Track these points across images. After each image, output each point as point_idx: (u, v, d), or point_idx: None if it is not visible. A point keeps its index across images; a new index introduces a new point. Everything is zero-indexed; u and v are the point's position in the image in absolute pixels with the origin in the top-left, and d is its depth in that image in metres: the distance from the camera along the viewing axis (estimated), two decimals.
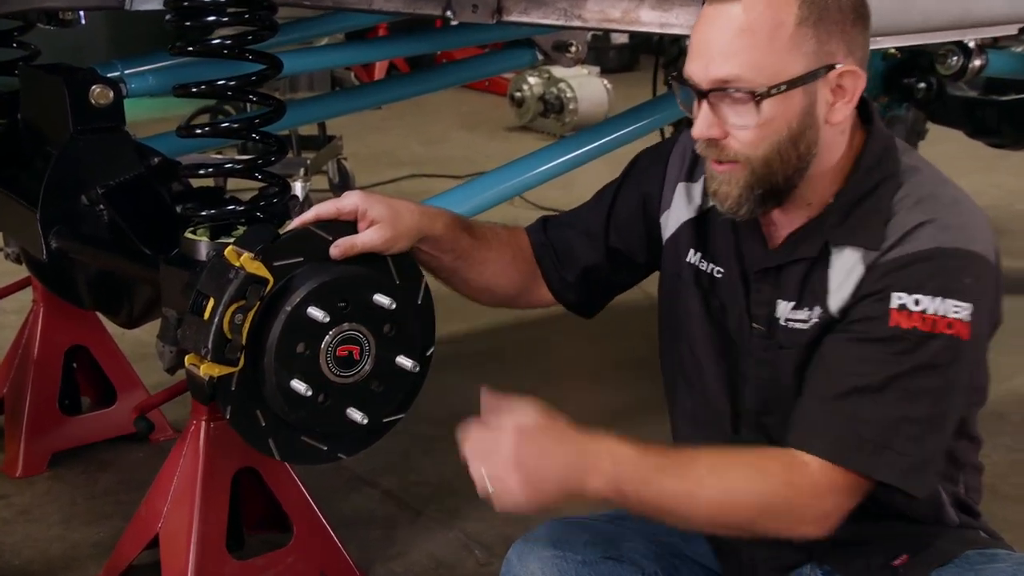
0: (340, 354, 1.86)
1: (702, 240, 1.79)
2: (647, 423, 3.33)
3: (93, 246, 2.39)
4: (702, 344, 1.77)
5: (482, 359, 3.79)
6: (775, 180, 1.61)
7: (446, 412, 3.48)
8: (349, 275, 1.85)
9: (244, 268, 1.79)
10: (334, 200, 1.84)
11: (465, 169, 6.22)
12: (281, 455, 1.93)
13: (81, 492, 2.93)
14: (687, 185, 1.83)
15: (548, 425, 1.54)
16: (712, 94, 1.58)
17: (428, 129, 7.57)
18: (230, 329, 1.79)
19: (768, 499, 1.54)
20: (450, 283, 1.96)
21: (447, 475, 3.01)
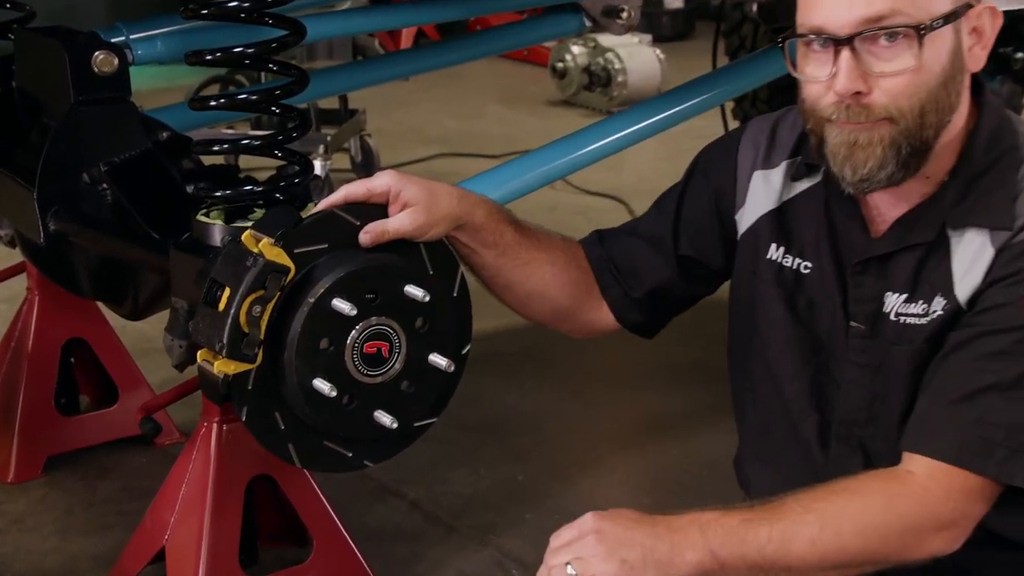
0: (368, 351, 1.86)
1: (784, 233, 1.78)
2: (703, 433, 3.35)
3: (95, 229, 2.40)
4: (784, 349, 1.76)
5: (519, 359, 3.78)
6: (926, 136, 1.57)
7: (480, 417, 3.55)
8: (379, 264, 1.85)
9: (263, 255, 1.79)
10: (364, 180, 1.84)
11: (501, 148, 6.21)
12: (301, 461, 1.94)
13: (79, 500, 2.95)
14: (765, 173, 1.81)
15: (625, 511, 1.56)
16: (859, 39, 1.54)
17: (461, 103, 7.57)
18: (247, 322, 1.79)
19: (875, 519, 1.52)
20: (492, 286, 1.95)
21: (481, 486, 3.02)
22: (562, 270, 1.93)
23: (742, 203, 1.83)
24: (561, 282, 1.93)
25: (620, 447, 3.27)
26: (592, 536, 1.51)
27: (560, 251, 1.94)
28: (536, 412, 3.45)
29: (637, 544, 1.50)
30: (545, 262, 1.91)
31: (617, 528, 1.51)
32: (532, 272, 1.91)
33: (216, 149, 2.16)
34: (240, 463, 2.29)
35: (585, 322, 1.98)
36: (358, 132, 5.69)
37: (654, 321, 1.98)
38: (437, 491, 2.99)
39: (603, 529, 1.51)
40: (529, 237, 1.91)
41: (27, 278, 3.12)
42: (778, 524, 1.52)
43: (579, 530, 1.53)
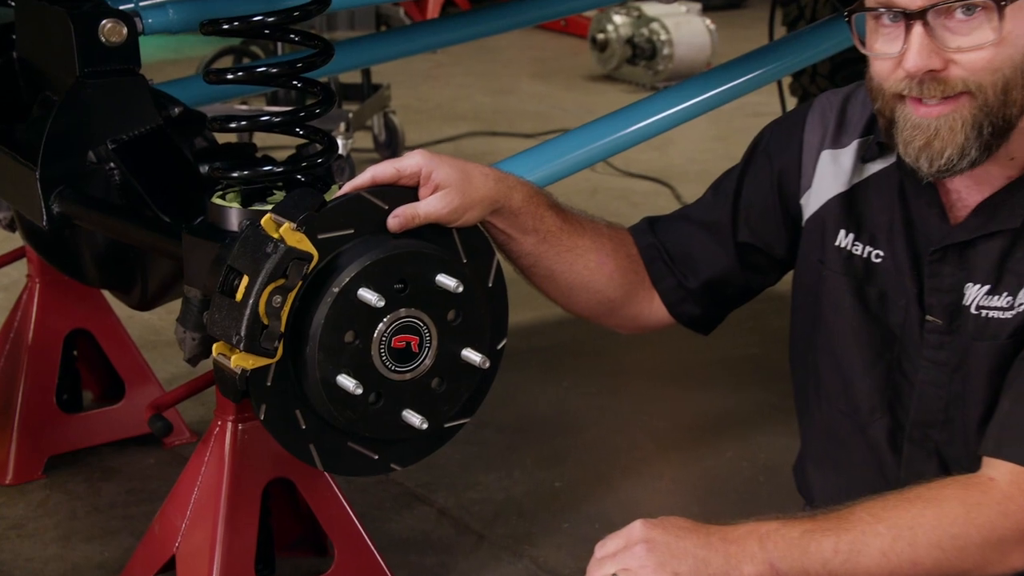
0: (396, 345, 1.87)
1: (854, 218, 1.77)
2: (760, 436, 3.35)
3: (101, 211, 2.41)
4: (852, 343, 1.75)
5: (558, 354, 3.78)
6: (1009, 114, 1.57)
7: (514, 417, 3.56)
8: (409, 251, 1.85)
9: (284, 241, 1.80)
10: (393, 160, 1.84)
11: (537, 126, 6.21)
12: (324, 464, 1.94)
13: (83, 503, 2.97)
14: (833, 153, 1.80)
15: (676, 520, 1.56)
16: (932, 12, 1.54)
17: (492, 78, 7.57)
18: (267, 313, 1.80)
19: (952, 530, 1.51)
20: (531, 276, 1.95)
21: (515, 492, 3.02)
22: (609, 258, 1.92)
23: (808, 185, 1.82)
24: (608, 271, 1.92)
25: (667, 450, 3.27)
26: (641, 546, 1.51)
27: (606, 238, 1.94)
28: (575, 412, 3.45)
29: (689, 555, 1.50)
30: (590, 249, 1.91)
31: (668, 538, 1.51)
32: (575, 260, 1.90)
33: (233, 126, 2.17)
34: (257, 465, 2.30)
35: (634, 316, 1.98)
36: (382, 109, 5.70)
37: (710, 315, 1.97)
38: (468, 497, 3.00)
39: (653, 539, 1.51)
40: (572, 223, 1.90)
41: (27, 264, 3.14)
42: (845, 535, 1.51)
43: (627, 539, 1.53)
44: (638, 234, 1.98)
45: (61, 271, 2.85)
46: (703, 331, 2.00)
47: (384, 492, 2.98)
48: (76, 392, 3.25)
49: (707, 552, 1.50)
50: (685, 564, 1.49)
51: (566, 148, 2.97)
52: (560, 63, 7.91)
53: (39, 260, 3.05)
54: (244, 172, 2.12)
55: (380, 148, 5.78)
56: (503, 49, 8.08)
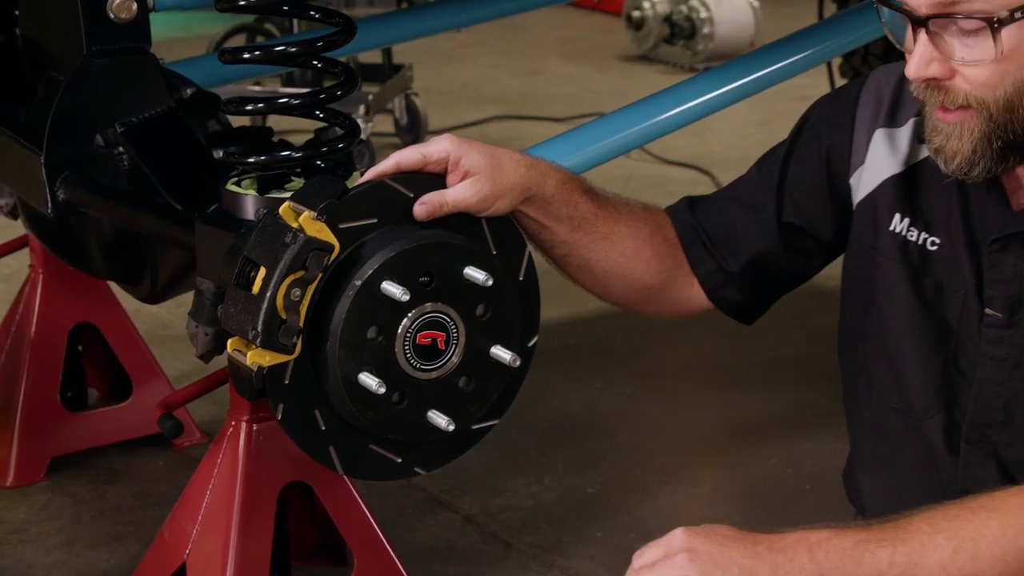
0: (421, 342, 1.87)
1: (910, 202, 1.76)
2: (806, 440, 3.34)
3: (109, 198, 2.42)
4: (906, 335, 1.74)
5: (590, 353, 3.78)
6: (1018, 130, 1.59)
7: (544, 419, 3.56)
8: (435, 243, 1.85)
9: (304, 230, 1.80)
10: (419, 146, 1.85)
11: (567, 110, 6.22)
12: (344, 467, 1.94)
13: (87, 507, 2.99)
14: (888, 131, 1.80)
15: (720, 528, 1.54)
16: (933, 22, 1.56)
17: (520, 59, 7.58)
18: (285, 307, 1.80)
19: (1019, 542, 1.50)
20: (565, 266, 1.95)
21: (545, 498, 3.02)
22: (645, 244, 1.93)
23: (860, 162, 1.82)
24: (645, 258, 1.93)
25: (707, 455, 3.27)
26: (683, 556, 1.50)
27: (643, 222, 1.94)
28: (609, 414, 3.45)
29: (735, 566, 1.49)
30: (626, 236, 1.92)
31: (712, 547, 1.51)
32: (611, 248, 1.91)
33: (250, 108, 2.17)
34: (272, 468, 2.31)
35: (673, 302, 1.99)
36: (403, 91, 5.71)
37: (753, 301, 1.97)
38: (495, 504, 3.00)
39: (696, 548, 1.50)
40: (607, 208, 1.91)
41: (30, 254, 3.16)
42: (902, 547, 1.50)
43: (667, 549, 1.52)
44: (676, 215, 1.99)
45: (66, 261, 2.86)
46: (745, 320, 1.99)
47: (406, 498, 2.99)
48: (81, 390, 3.27)
49: (753, 562, 1.50)
50: (730, 575, 1.49)
51: (599, 134, 2.96)
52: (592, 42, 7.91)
53: (42, 250, 3.07)
54: (261, 157, 2.12)
55: (401, 132, 5.79)
56: (532, 28, 8.08)
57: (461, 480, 3.04)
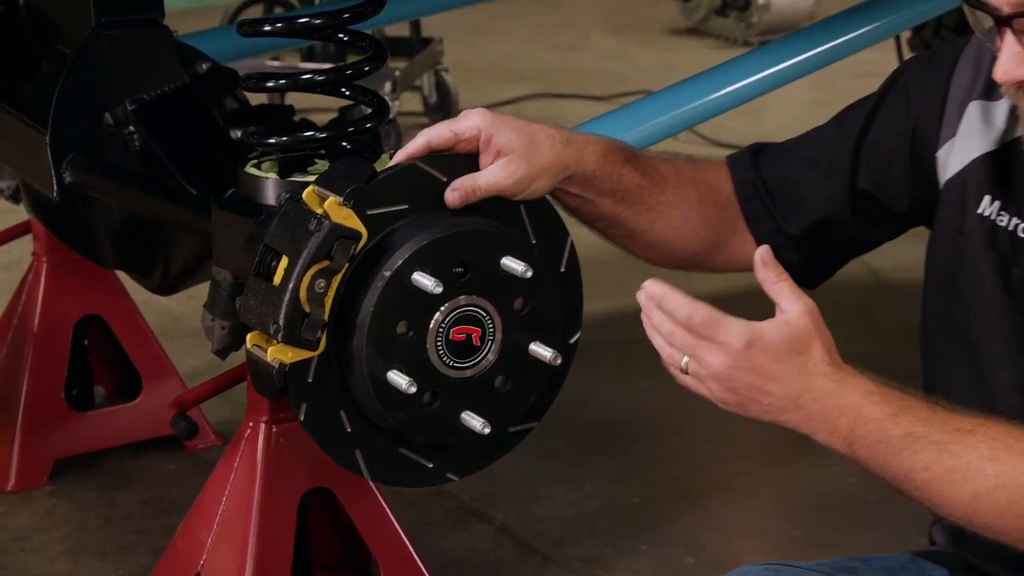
0: (455, 338, 1.87)
1: (1003, 183, 1.75)
2: None
3: (119, 181, 2.43)
4: (991, 330, 1.73)
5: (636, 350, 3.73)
6: None
7: (585, 422, 3.55)
8: (470, 230, 1.85)
9: (329, 217, 1.80)
10: (449, 122, 1.85)
11: (609, 88, 6.20)
12: (371, 472, 1.95)
13: (94, 514, 3.01)
14: (984, 104, 1.78)
15: (790, 347, 1.57)
16: (1017, 21, 1.56)
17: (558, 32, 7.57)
18: (308, 299, 1.81)
19: None
20: (610, 237, 1.97)
21: (586, 508, 3.03)
22: (693, 212, 1.94)
23: (950, 136, 1.80)
24: (692, 226, 1.95)
25: (763, 463, 3.26)
26: (725, 359, 1.56)
27: (691, 187, 1.95)
28: (656, 417, 3.45)
29: (766, 397, 1.57)
30: (673, 205, 1.93)
31: (763, 360, 1.56)
32: (657, 219, 1.93)
33: (271, 85, 2.18)
34: (293, 473, 2.32)
35: (726, 262, 2.01)
36: (432, 66, 5.71)
37: (814, 267, 1.97)
38: (532, 513, 3.00)
39: (740, 359, 1.55)
40: (652, 176, 1.92)
41: (33, 241, 3.18)
42: (947, 458, 1.55)
43: (724, 336, 1.56)
44: (736, 167, 1.99)
45: (71, 249, 2.88)
46: (806, 284, 1.99)
47: (437, 506, 2.99)
48: (87, 387, 3.29)
49: (787, 404, 1.57)
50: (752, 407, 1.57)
51: (644, 114, 2.96)
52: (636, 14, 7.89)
53: (47, 236, 3.08)
54: (282, 138, 2.13)
55: (430, 111, 5.79)
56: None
57: (496, 488, 3.05)
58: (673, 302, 1.59)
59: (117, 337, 3.20)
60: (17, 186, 2.99)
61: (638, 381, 3.59)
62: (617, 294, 4.01)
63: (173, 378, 3.24)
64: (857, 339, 3.75)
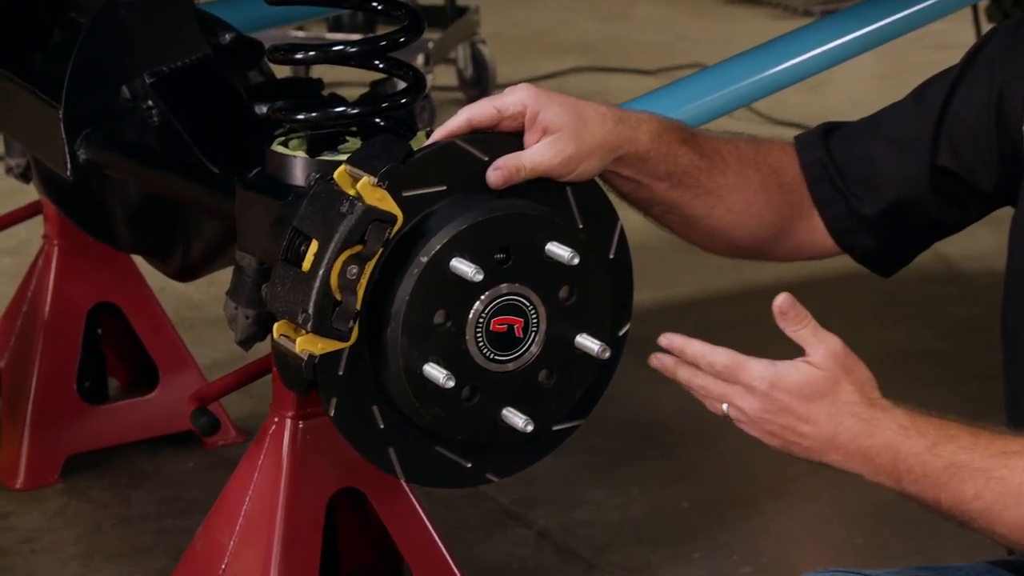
0: (496, 328, 1.87)
1: None
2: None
3: (137, 159, 2.45)
4: None
5: None
6: None
7: (632, 421, 3.54)
8: (513, 214, 1.86)
9: (362, 198, 1.81)
10: (492, 98, 1.85)
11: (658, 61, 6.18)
12: (405, 472, 1.96)
13: (108, 514, 3.03)
14: None
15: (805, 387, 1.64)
16: None
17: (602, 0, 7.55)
18: (340, 287, 1.81)
19: None
20: (666, 224, 1.97)
21: (632, 512, 3.03)
22: (757, 195, 1.94)
23: None
24: (756, 211, 1.95)
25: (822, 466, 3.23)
26: (759, 403, 1.65)
27: (754, 168, 1.95)
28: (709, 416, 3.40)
29: (806, 439, 1.64)
30: (734, 188, 1.93)
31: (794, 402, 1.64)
32: (717, 203, 1.93)
33: (300, 57, 2.18)
34: (321, 472, 2.33)
35: (792, 249, 2.02)
36: (468, 37, 5.70)
37: (891, 251, 1.98)
38: (574, 518, 3.01)
39: (770, 403, 1.64)
40: (711, 158, 1.92)
41: (44, 223, 3.19)
42: (995, 484, 1.57)
43: (770, 378, 1.65)
44: (804, 147, 1.99)
45: (85, 232, 2.90)
46: (882, 271, 2.00)
47: (473, 509, 3.00)
48: (100, 379, 3.31)
49: (827, 447, 1.64)
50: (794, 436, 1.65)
51: (697, 90, 2.96)
52: None
53: (58, 218, 3.10)
54: (312, 114, 2.14)
55: (466, 86, 5.79)
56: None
57: (536, 490, 3.05)
58: (694, 351, 1.71)
59: (132, 326, 3.22)
60: (27, 164, 3.01)
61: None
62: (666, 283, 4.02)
63: (192, 370, 3.26)
64: (925, 335, 3.75)
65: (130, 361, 3.33)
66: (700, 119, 2.90)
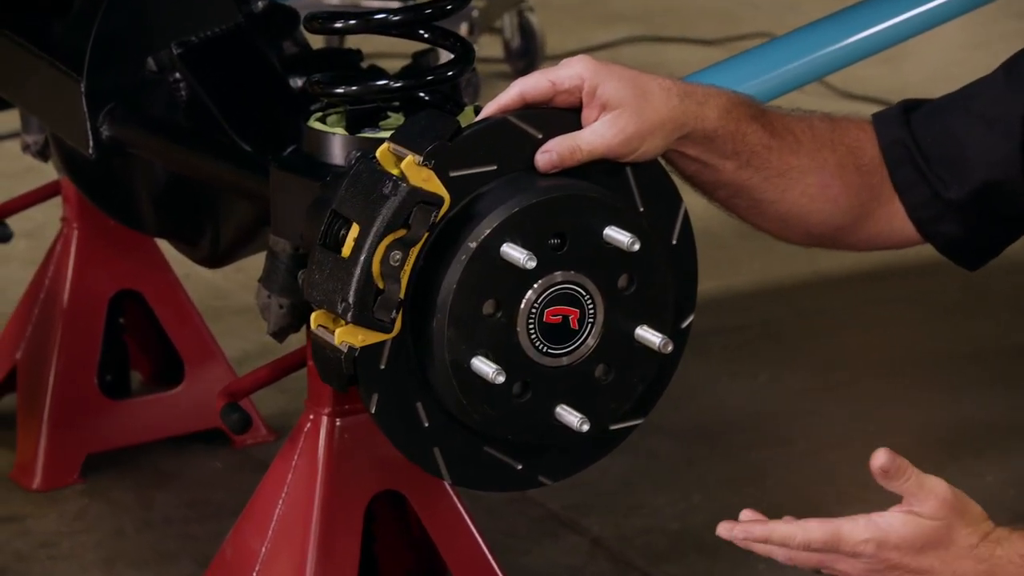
0: (550, 320, 1.88)
1: None
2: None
3: (163, 136, 2.46)
4: None
5: (753, 337, 3.77)
6: None
7: (694, 420, 3.53)
8: (568, 195, 1.86)
9: (407, 179, 1.81)
10: (547, 71, 1.85)
11: (720, 30, 6.16)
12: (451, 474, 1.96)
13: (131, 517, 3.05)
14: None
15: (916, 540, 1.63)
16: None
17: None
18: (382, 274, 1.82)
19: None
20: (733, 209, 1.97)
21: (694, 520, 3.02)
22: (833, 178, 1.93)
23: None
24: (832, 195, 1.94)
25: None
26: (874, 559, 1.62)
27: (829, 148, 1.94)
28: (776, 416, 3.44)
29: None
30: (808, 170, 1.92)
31: (902, 556, 1.61)
32: (789, 186, 1.92)
33: (339, 26, 2.19)
34: (360, 474, 2.34)
35: (869, 238, 2.00)
36: (515, 5, 5.70)
37: (979, 241, 1.97)
38: (631, 525, 3.01)
39: (887, 556, 1.60)
40: (783, 136, 1.91)
41: (63, 204, 3.21)
42: None
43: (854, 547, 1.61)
44: (884, 125, 1.98)
45: (107, 214, 2.91)
46: (968, 263, 1.99)
47: (522, 515, 3.00)
48: (123, 373, 3.32)
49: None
50: None
51: (765, 62, 2.94)
52: None
53: (79, 199, 3.11)
54: (352, 87, 2.15)
55: (512, 57, 5.79)
56: None
57: (590, 495, 3.05)
58: (781, 535, 1.74)
59: (157, 316, 3.23)
60: (46, 141, 3.02)
61: (756, 373, 3.59)
62: (730, 271, 4.01)
63: (220, 363, 3.27)
64: (1016, 331, 3.72)
65: (154, 353, 3.34)
66: (768, 94, 2.89)
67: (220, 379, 3.09)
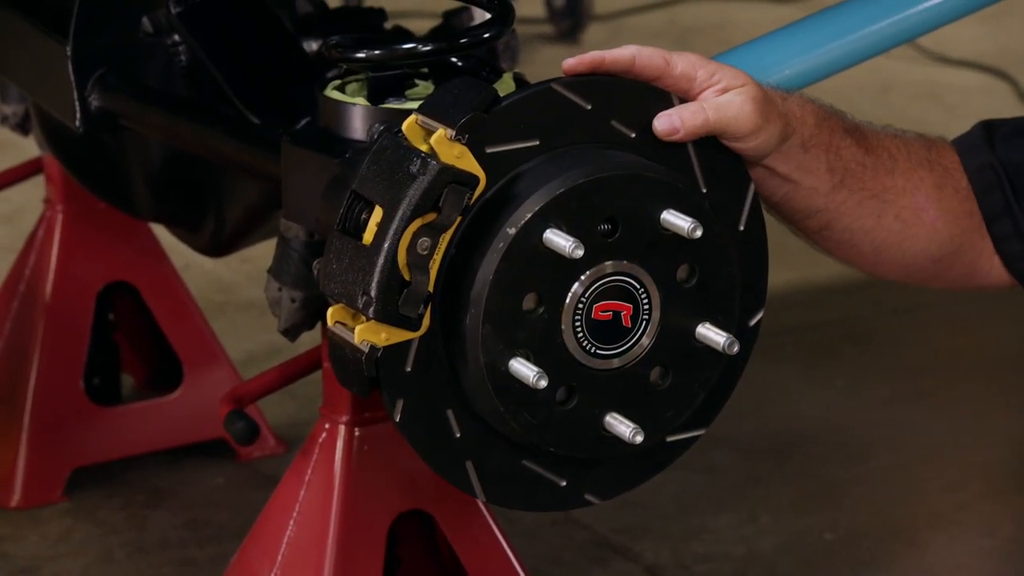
0: (599, 316, 1.88)
1: None
2: None
3: (160, 107, 2.47)
4: None
5: (829, 338, 3.77)
6: None
7: (761, 432, 3.54)
8: (621, 175, 1.86)
9: (437, 156, 1.82)
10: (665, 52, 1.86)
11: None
12: (485, 491, 1.96)
13: (121, 539, 3.06)
14: None
15: None
16: None
17: None
18: (409, 264, 1.82)
19: None
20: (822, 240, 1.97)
21: (762, 545, 3.03)
22: (930, 202, 1.93)
23: None
24: (929, 220, 1.93)
25: (1000, 491, 3.24)
26: None
27: (926, 169, 1.94)
28: (856, 428, 3.44)
29: None
30: (903, 192, 1.92)
31: None
32: (884, 211, 1.92)
33: None
34: (382, 490, 2.35)
35: (967, 274, 2.00)
36: None
37: None
38: (690, 550, 3.02)
39: None
40: (877, 153, 1.92)
41: (46, 185, 3.22)
42: None
43: None
44: (967, 150, 1.98)
45: (96, 195, 2.93)
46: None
47: (566, 538, 3.01)
48: (113, 376, 3.34)
49: None
50: None
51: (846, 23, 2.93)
52: None
53: (64, 179, 3.12)
54: (374, 52, 2.15)
55: (555, 18, 5.81)
56: None
57: (643, 516, 3.06)
58: None
59: (152, 311, 3.24)
60: (26, 112, 3.03)
61: (832, 379, 3.59)
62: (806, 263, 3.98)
63: (222, 365, 3.29)
64: None
65: (148, 354, 3.36)
66: (850, 59, 2.88)
67: (222, 383, 3.09)
